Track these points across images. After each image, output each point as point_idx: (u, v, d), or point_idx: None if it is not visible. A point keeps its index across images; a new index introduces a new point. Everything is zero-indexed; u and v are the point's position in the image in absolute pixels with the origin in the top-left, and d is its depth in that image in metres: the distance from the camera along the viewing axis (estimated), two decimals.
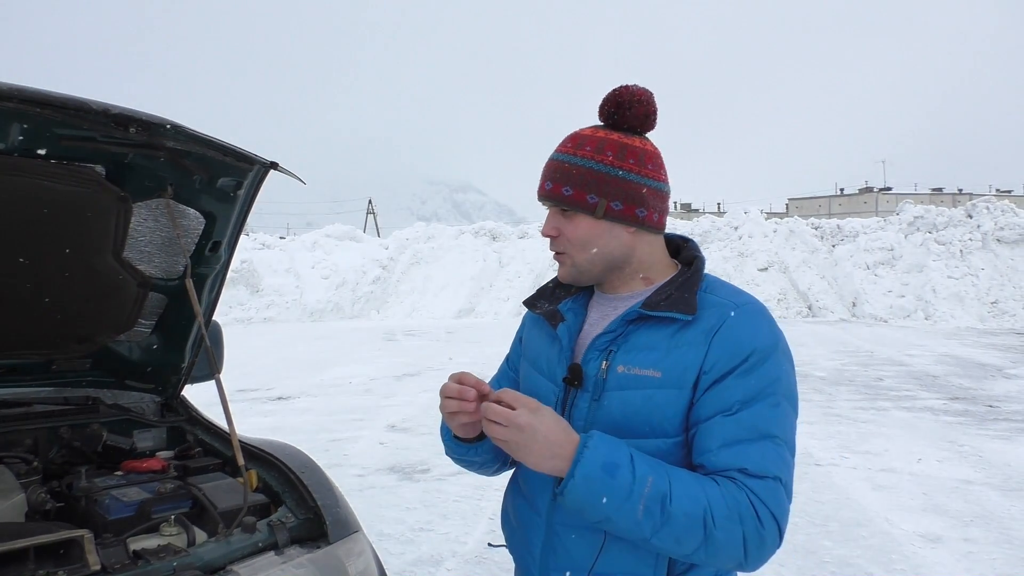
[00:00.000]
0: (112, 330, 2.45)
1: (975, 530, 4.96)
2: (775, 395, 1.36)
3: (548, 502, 1.50)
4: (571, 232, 1.48)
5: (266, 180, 2.24)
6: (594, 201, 1.45)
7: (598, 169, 1.45)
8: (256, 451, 2.29)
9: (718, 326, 1.39)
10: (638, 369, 1.41)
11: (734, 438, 1.33)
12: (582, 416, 1.45)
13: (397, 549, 4.59)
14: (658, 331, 1.43)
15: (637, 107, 1.47)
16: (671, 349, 1.40)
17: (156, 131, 1.88)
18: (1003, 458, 6.73)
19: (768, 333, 1.41)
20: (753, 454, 1.32)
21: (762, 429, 1.34)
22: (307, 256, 25.06)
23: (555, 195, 1.47)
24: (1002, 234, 21.94)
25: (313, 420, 8.47)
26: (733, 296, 1.48)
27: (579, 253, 1.49)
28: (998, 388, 10.20)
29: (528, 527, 1.56)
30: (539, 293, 1.67)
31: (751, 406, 1.34)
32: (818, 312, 21.40)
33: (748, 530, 1.27)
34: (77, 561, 1.64)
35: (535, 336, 1.66)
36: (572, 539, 1.46)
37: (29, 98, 1.65)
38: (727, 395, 1.35)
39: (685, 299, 1.43)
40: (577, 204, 1.45)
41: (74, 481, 2.09)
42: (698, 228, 25.38)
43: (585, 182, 1.45)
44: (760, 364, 1.37)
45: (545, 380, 1.55)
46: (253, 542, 1.88)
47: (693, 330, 1.40)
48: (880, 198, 72.52)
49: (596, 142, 1.47)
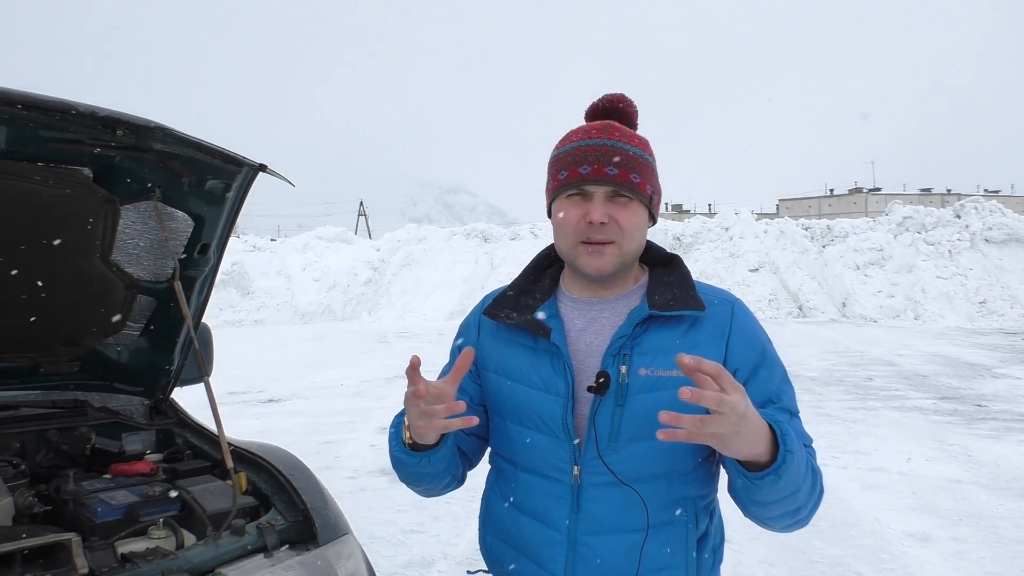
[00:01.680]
0: (100, 333, 2.45)
1: (964, 529, 4.99)
2: (787, 378, 1.51)
3: (568, 513, 1.47)
4: (626, 220, 1.45)
5: (256, 182, 2.23)
6: (650, 191, 1.49)
7: (650, 162, 1.50)
8: (245, 454, 2.29)
9: (727, 324, 1.47)
10: (662, 371, 1.42)
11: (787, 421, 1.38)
12: (606, 423, 1.44)
13: (388, 551, 4.58)
14: (668, 331, 1.46)
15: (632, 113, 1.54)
16: (688, 349, 1.41)
17: (144, 133, 1.88)
18: (991, 457, 6.76)
19: (760, 326, 1.54)
20: (798, 428, 1.42)
21: (793, 408, 1.47)
22: (298, 258, 24.99)
23: (623, 180, 1.43)
24: (990, 234, 22.06)
25: (304, 422, 8.45)
26: (721, 294, 1.55)
27: (629, 242, 1.47)
28: (987, 387, 10.26)
29: (541, 546, 1.51)
30: (500, 303, 1.61)
31: (783, 393, 1.46)
32: (808, 312, 21.47)
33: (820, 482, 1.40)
34: (65, 565, 1.64)
35: (507, 349, 1.59)
36: (605, 546, 1.45)
37: (15, 101, 1.64)
38: (766, 387, 1.45)
39: (692, 296, 1.48)
40: (640, 192, 1.46)
41: (62, 484, 2.09)
42: (689, 229, 25.43)
43: (644, 172, 1.47)
44: (773, 354, 1.51)
45: (541, 393, 1.50)
46: (242, 545, 1.87)
47: (703, 328, 1.46)
48: (869, 199, 72.89)
49: (635, 137, 1.50)
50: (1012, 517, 5.21)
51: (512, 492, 1.58)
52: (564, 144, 1.51)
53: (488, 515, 1.66)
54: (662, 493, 1.45)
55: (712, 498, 1.55)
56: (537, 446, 1.51)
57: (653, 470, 1.45)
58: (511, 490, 1.58)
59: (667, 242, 24.89)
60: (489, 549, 1.65)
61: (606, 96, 1.54)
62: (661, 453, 1.44)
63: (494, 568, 1.64)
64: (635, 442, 1.43)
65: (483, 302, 1.69)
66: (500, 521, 1.61)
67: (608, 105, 1.53)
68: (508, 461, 1.60)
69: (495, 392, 1.60)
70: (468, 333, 1.70)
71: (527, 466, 1.55)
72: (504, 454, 1.62)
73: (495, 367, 1.61)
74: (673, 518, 1.46)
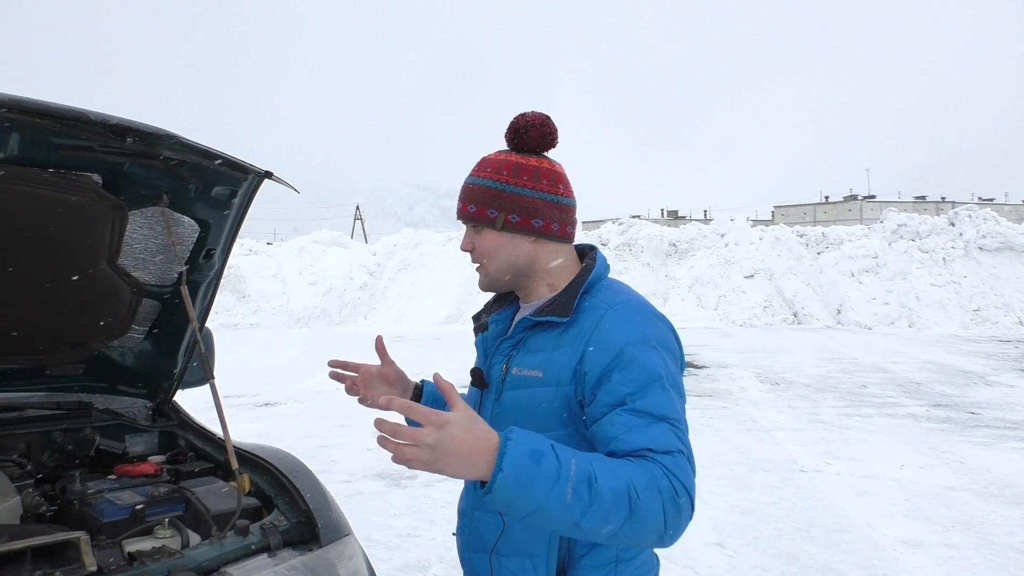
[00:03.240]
0: (106, 336, 2.48)
1: (956, 535, 5.03)
2: (659, 382, 1.44)
3: (472, 491, 1.56)
4: (480, 245, 1.65)
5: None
6: (493, 215, 1.62)
7: (495, 187, 1.63)
8: (248, 455, 2.32)
9: (591, 328, 1.53)
10: (526, 370, 1.58)
11: (633, 425, 1.39)
12: (487, 416, 1.63)
13: (384, 555, 4.61)
14: (546, 335, 1.59)
15: (532, 131, 1.63)
16: (553, 350, 1.56)
17: (153, 141, 1.92)
18: (984, 464, 6.81)
19: (639, 328, 1.51)
20: (655, 435, 1.38)
21: (656, 414, 1.41)
22: (294, 262, 25.00)
23: (463, 213, 1.65)
24: (984, 242, 22.17)
25: (300, 426, 8.47)
26: (609, 297, 1.59)
27: (489, 264, 1.66)
28: (980, 395, 10.32)
29: (462, 515, 1.73)
30: (484, 308, 1.84)
31: (642, 396, 1.42)
32: (803, 319, 21.55)
33: (666, 500, 1.30)
34: (73, 562, 1.67)
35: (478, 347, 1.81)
36: (482, 521, 1.63)
37: (28, 109, 1.68)
38: (616, 390, 1.44)
39: (563, 304, 1.59)
40: (480, 219, 1.63)
41: (68, 484, 2.12)
42: (684, 235, 25.51)
43: (485, 199, 1.62)
44: (637, 357, 1.46)
45: (472, 386, 1.73)
46: (246, 545, 1.91)
47: (571, 332, 1.56)
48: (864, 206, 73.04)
49: (496, 164, 1.64)
50: (1004, 524, 5.26)
51: None
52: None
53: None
54: None
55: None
56: None
57: None
58: None
59: (662, 248, 24.97)
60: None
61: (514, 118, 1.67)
62: None
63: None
64: None
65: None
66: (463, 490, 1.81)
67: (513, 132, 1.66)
68: None
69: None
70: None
71: None
72: None
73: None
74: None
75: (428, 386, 1.94)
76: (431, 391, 1.93)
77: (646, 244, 24.87)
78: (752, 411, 9.15)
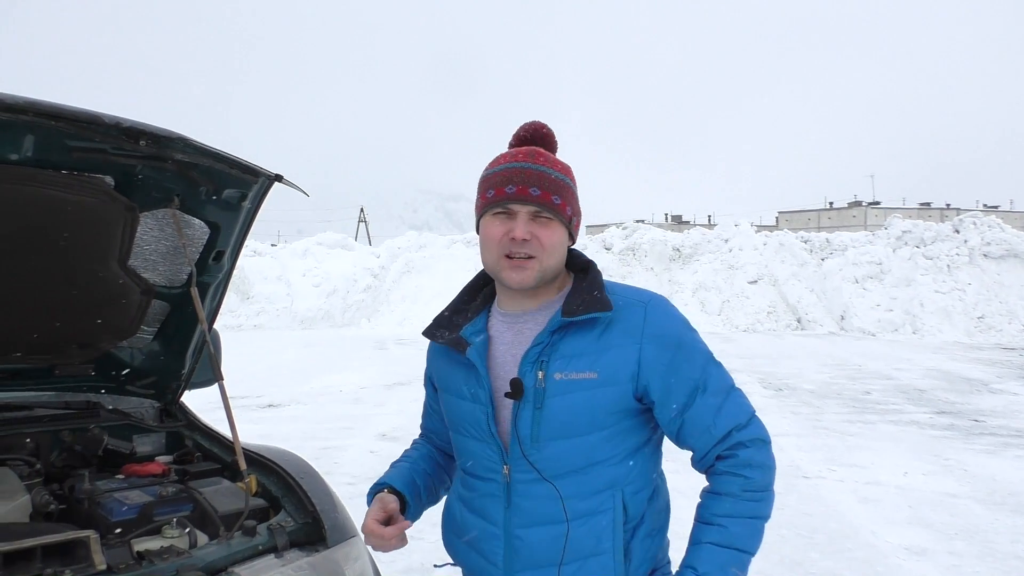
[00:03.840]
0: (115, 336, 2.49)
1: (960, 543, 5.03)
2: (712, 358, 1.62)
3: (502, 510, 1.62)
4: (547, 238, 1.58)
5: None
6: (570, 213, 1.62)
7: (571, 186, 1.63)
8: (256, 456, 2.34)
9: (640, 325, 1.57)
10: (575, 374, 1.55)
11: (717, 405, 1.58)
12: (527, 425, 1.57)
13: (387, 557, 4.58)
14: (583, 336, 1.57)
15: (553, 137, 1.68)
16: (601, 352, 1.56)
17: (165, 144, 1.94)
18: (988, 472, 6.80)
19: (679, 317, 1.64)
20: (734, 409, 1.59)
21: (724, 387, 1.61)
22: (298, 264, 25.04)
23: (545, 202, 1.56)
24: (989, 249, 22.14)
25: (303, 428, 8.48)
26: (635, 294, 1.65)
27: (548, 259, 1.59)
28: (984, 403, 10.30)
29: (483, 540, 1.66)
30: (436, 323, 1.76)
31: (709, 376, 1.60)
32: (807, 325, 21.52)
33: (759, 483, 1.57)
34: (83, 561, 1.68)
35: (445, 367, 1.74)
36: (532, 537, 1.59)
37: (43, 111, 1.70)
38: (690, 379, 1.57)
39: (598, 298, 1.58)
40: (560, 213, 1.58)
41: (76, 484, 2.13)
42: (688, 240, 25.50)
43: (565, 195, 1.60)
44: (692, 343, 1.61)
45: (469, 403, 1.65)
46: (253, 545, 1.92)
47: (615, 331, 1.57)
48: (869, 212, 72.99)
49: (560, 163, 1.63)
50: (1008, 532, 5.25)
51: (464, 493, 1.74)
52: (493, 166, 1.63)
53: (447, 516, 1.82)
54: (585, 484, 1.58)
55: (648, 484, 1.65)
56: (473, 451, 1.68)
57: (574, 465, 1.57)
58: (463, 492, 1.74)
59: (666, 252, 24.96)
60: (448, 544, 1.82)
61: (528, 124, 1.68)
62: (580, 449, 1.57)
63: (455, 560, 1.81)
64: (555, 440, 1.57)
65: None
66: (454, 519, 1.77)
67: (532, 132, 1.66)
68: (461, 467, 1.77)
69: (444, 407, 1.78)
70: (427, 359, 1.88)
71: (470, 470, 1.71)
72: (457, 461, 1.79)
73: (441, 384, 1.78)
74: (597, 507, 1.58)
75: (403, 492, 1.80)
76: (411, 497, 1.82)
77: (650, 249, 24.87)
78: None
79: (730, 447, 1.57)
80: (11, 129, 1.73)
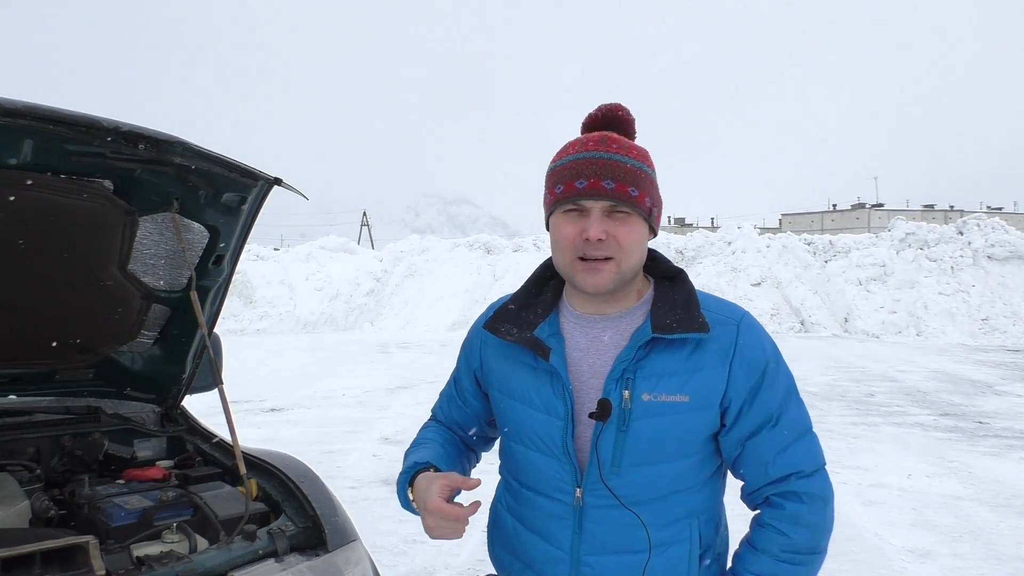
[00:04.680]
0: (115, 341, 2.49)
1: (964, 545, 5.00)
2: (794, 393, 1.50)
3: (570, 534, 1.49)
4: (625, 236, 1.40)
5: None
6: (650, 205, 1.44)
7: (649, 173, 1.44)
8: (256, 460, 2.33)
9: (731, 347, 1.45)
10: (665, 396, 1.41)
11: (783, 445, 1.47)
12: (609, 448, 1.43)
13: (390, 561, 4.61)
14: (672, 354, 1.43)
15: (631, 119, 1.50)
16: (692, 372, 1.42)
17: (164, 147, 1.93)
18: (992, 474, 6.78)
19: (769, 341, 1.51)
20: (802, 455, 1.48)
21: (800, 428, 1.50)
22: (301, 268, 25.05)
23: (620, 194, 1.38)
24: (992, 251, 22.08)
25: (306, 432, 8.47)
26: (727, 311, 1.51)
27: (628, 259, 1.43)
28: (988, 404, 10.26)
29: (546, 563, 1.52)
30: (500, 316, 1.58)
31: (785, 411, 1.47)
32: (810, 327, 21.47)
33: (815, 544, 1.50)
34: (82, 567, 1.67)
35: (508, 366, 1.57)
36: (606, 566, 1.47)
37: (42, 115, 1.70)
38: (765, 408, 1.46)
39: (695, 318, 1.43)
40: (639, 206, 1.41)
41: (77, 489, 2.13)
42: (691, 243, 25.47)
43: (643, 185, 1.41)
44: (776, 371, 1.48)
45: (542, 415, 1.50)
46: (253, 550, 1.91)
47: (707, 351, 1.43)
48: (872, 214, 72.90)
49: (636, 148, 1.44)
50: (1012, 535, 5.22)
51: (518, 508, 1.60)
52: (561, 157, 1.45)
53: (495, 527, 1.68)
54: (665, 513, 1.47)
55: (717, 511, 1.57)
56: (539, 467, 1.52)
57: (657, 493, 1.46)
58: (517, 506, 1.60)
59: (668, 255, 24.90)
60: (497, 558, 1.68)
61: (603, 106, 1.49)
62: (665, 477, 1.46)
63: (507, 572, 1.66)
64: (638, 467, 1.44)
65: (485, 314, 1.66)
66: (506, 534, 1.63)
67: (606, 114, 1.48)
68: (514, 478, 1.62)
69: (500, 410, 1.62)
70: (471, 350, 1.71)
71: (531, 485, 1.56)
72: (511, 470, 1.64)
73: (499, 385, 1.60)
74: (676, 537, 1.48)
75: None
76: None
77: None
78: None
79: (782, 493, 1.46)
80: (10, 134, 1.72)
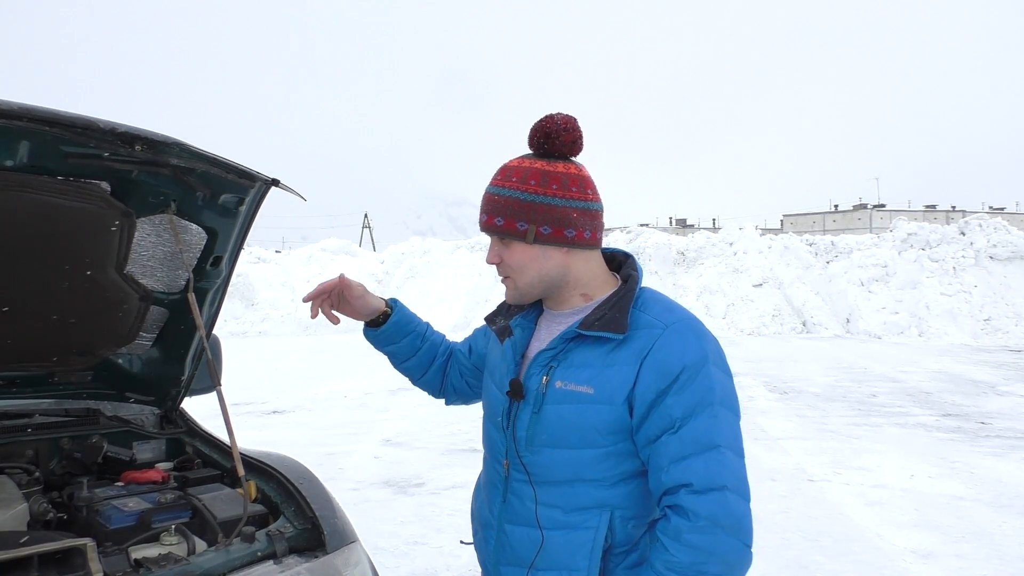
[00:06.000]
0: (113, 343, 2.49)
1: (966, 546, 5.00)
2: (712, 405, 1.45)
3: (499, 503, 1.64)
4: (509, 258, 1.59)
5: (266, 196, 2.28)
6: (524, 228, 1.54)
7: (524, 198, 1.53)
8: (255, 462, 2.32)
9: (648, 347, 1.49)
10: (573, 385, 1.53)
11: (680, 454, 1.43)
12: (524, 427, 1.59)
13: (391, 562, 4.60)
14: (594, 349, 1.54)
15: (564, 135, 1.54)
16: (605, 367, 1.51)
17: (161, 149, 1.93)
18: (994, 474, 6.76)
19: (696, 348, 1.50)
20: (698, 468, 1.41)
21: (704, 441, 1.43)
22: (302, 270, 25.07)
23: (489, 226, 1.57)
24: (995, 251, 22.07)
25: (307, 434, 8.48)
26: (663, 315, 1.55)
27: (519, 277, 1.59)
28: (990, 405, 10.25)
29: (487, 527, 1.70)
30: (498, 309, 1.79)
31: (691, 421, 1.44)
32: (812, 328, 21.46)
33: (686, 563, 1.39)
34: (80, 569, 1.67)
35: (492, 349, 1.79)
36: (515, 535, 1.60)
37: (38, 117, 1.69)
38: (668, 413, 1.45)
39: (616, 319, 1.52)
40: (509, 232, 1.55)
41: (75, 491, 2.12)
42: (693, 243, 25.46)
43: (513, 211, 1.54)
44: (692, 379, 1.46)
45: (496, 390, 1.69)
46: (252, 551, 1.91)
47: (625, 349, 1.51)
48: (874, 215, 72.84)
49: (521, 172, 1.55)
50: (1015, 535, 5.21)
51: (484, 475, 1.80)
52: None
53: (476, 489, 1.86)
54: (572, 498, 1.55)
55: (645, 513, 1.57)
56: (491, 436, 1.72)
57: (562, 476, 1.55)
58: (483, 473, 1.81)
59: (671, 256, 24.91)
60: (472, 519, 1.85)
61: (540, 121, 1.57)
62: (569, 462, 1.54)
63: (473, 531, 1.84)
64: (547, 448, 1.56)
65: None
66: (476, 500, 1.83)
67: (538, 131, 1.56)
68: (484, 448, 1.80)
69: (482, 389, 1.82)
70: (478, 333, 1.99)
71: (487, 455, 1.77)
72: (483, 441, 1.81)
73: (486, 365, 1.83)
74: (581, 524, 1.54)
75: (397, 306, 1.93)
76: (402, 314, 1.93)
77: (654, 252, 24.83)
78: (760, 420, 9.10)
79: (671, 505, 1.43)
80: (6, 135, 1.72)
